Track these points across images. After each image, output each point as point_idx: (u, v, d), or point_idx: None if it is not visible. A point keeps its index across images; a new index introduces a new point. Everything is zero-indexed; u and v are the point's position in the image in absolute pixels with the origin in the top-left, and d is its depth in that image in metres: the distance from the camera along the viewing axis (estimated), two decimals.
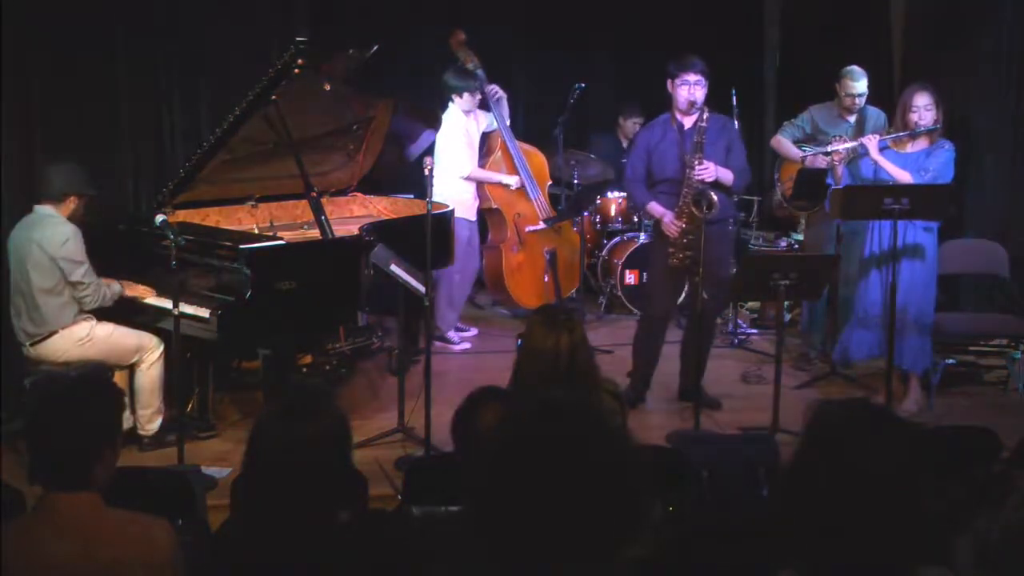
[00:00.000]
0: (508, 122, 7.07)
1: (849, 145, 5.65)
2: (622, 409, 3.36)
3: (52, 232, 4.67)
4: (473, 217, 6.84)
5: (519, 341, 3.45)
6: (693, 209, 5.20)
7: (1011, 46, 6.45)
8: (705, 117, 5.20)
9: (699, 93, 5.24)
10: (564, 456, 1.50)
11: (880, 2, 7.33)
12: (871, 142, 5.41)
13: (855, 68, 5.94)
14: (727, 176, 5.30)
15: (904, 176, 5.30)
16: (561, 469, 1.50)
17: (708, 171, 5.20)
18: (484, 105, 6.93)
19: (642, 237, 7.33)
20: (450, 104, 6.60)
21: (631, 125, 7.88)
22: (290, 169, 5.25)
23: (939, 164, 5.30)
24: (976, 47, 6.50)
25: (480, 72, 6.89)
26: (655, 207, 5.38)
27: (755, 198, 7.61)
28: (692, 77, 5.24)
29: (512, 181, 6.99)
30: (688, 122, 5.33)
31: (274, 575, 2.20)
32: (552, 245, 7.14)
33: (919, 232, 5.37)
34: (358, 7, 7.66)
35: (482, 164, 6.97)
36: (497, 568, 1.53)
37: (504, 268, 7.09)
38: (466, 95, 6.60)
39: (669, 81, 5.33)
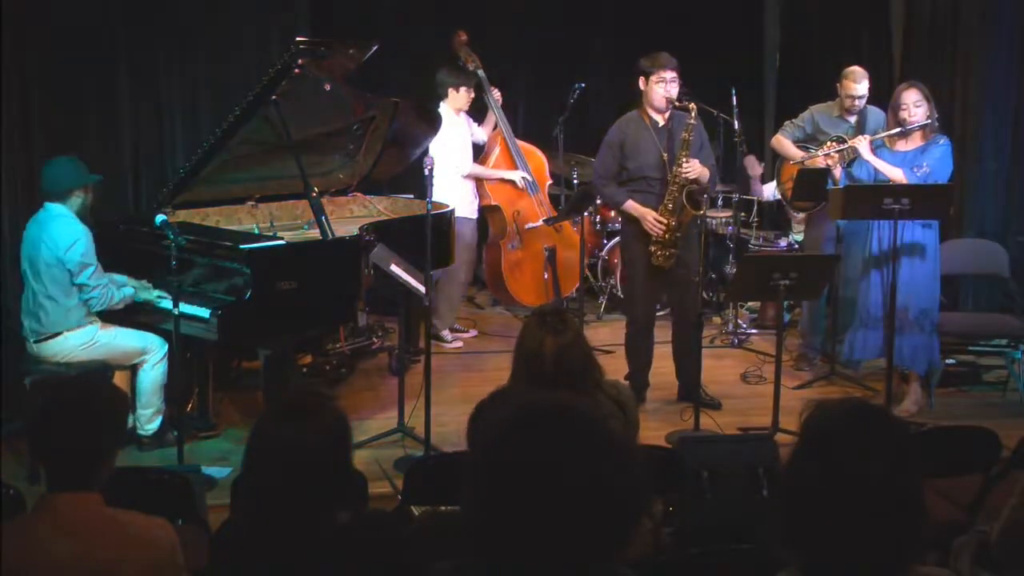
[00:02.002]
0: (505, 119, 7.07)
1: (842, 147, 5.66)
2: (624, 413, 3.32)
3: (61, 233, 4.65)
4: (474, 215, 6.85)
5: None
6: (689, 207, 5.20)
7: (1011, 46, 6.45)
8: (693, 115, 5.21)
9: (674, 90, 5.25)
10: (541, 458, 1.50)
11: (880, 2, 7.33)
12: (861, 143, 5.43)
13: (857, 69, 5.94)
14: (705, 174, 5.31)
15: (896, 173, 5.30)
16: (539, 472, 1.50)
17: (695, 169, 5.22)
18: (481, 109, 6.94)
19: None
20: (442, 104, 6.59)
21: None
22: (290, 169, 5.25)
23: (934, 159, 5.30)
24: (976, 47, 6.50)
25: (481, 73, 6.90)
26: (634, 206, 5.35)
27: (755, 198, 7.61)
28: (669, 75, 5.25)
29: (516, 176, 7.00)
30: (662, 120, 5.33)
31: (274, 575, 2.20)
32: (551, 243, 7.15)
33: (917, 229, 5.37)
34: (358, 7, 7.66)
35: (482, 164, 6.98)
36: (494, 569, 1.53)
37: (503, 265, 7.09)
38: (462, 90, 6.59)
39: (643, 79, 5.32)
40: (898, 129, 5.34)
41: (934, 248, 5.41)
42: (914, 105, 5.28)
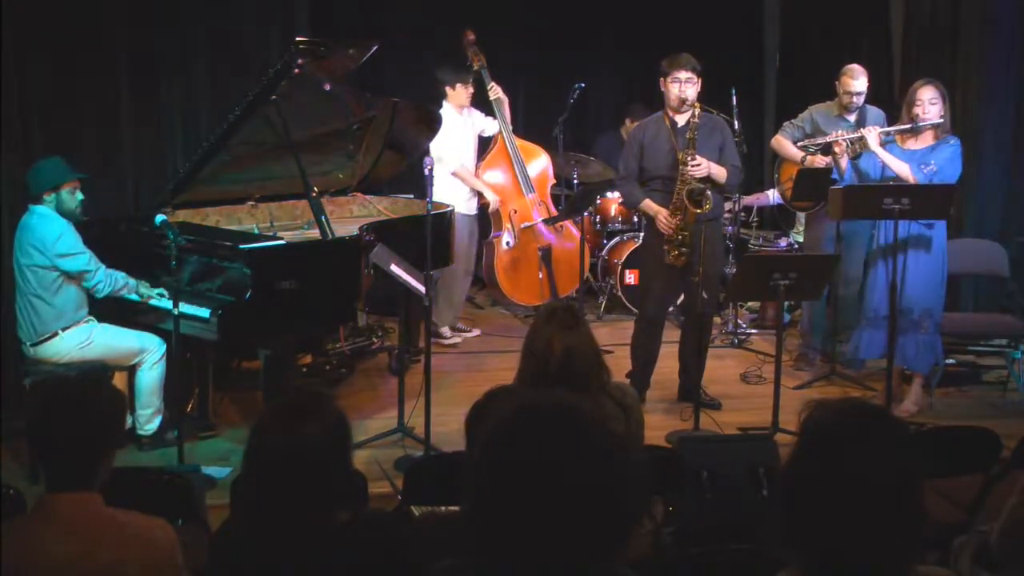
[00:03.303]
0: (509, 123, 7.07)
1: (851, 136, 5.66)
2: (627, 416, 3.30)
3: (43, 230, 4.64)
4: (472, 212, 6.85)
5: None
6: (689, 205, 5.20)
7: (1011, 46, 6.45)
8: (697, 113, 5.21)
9: (690, 90, 5.25)
10: (541, 458, 1.50)
11: (880, 2, 7.33)
12: (871, 133, 5.41)
13: (855, 66, 5.95)
14: (720, 173, 5.31)
15: (903, 169, 5.29)
16: (539, 472, 1.49)
17: (701, 167, 5.22)
18: (486, 109, 6.95)
19: (642, 236, 7.33)
20: (444, 102, 6.60)
21: None
22: (290, 169, 5.25)
23: (942, 159, 5.28)
24: (976, 47, 6.50)
25: (485, 72, 6.91)
26: (649, 204, 5.38)
27: (755, 195, 7.62)
28: (683, 75, 5.25)
29: (491, 198, 6.95)
30: (680, 120, 5.35)
31: (274, 575, 2.20)
32: (547, 243, 7.15)
33: (921, 228, 5.36)
34: (358, 7, 7.66)
35: (481, 161, 6.99)
36: (494, 568, 1.53)
37: (497, 264, 7.10)
38: (459, 87, 6.60)
39: (661, 79, 5.35)
40: (909, 125, 5.33)
41: (940, 247, 5.40)
42: (929, 102, 5.26)
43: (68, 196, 4.70)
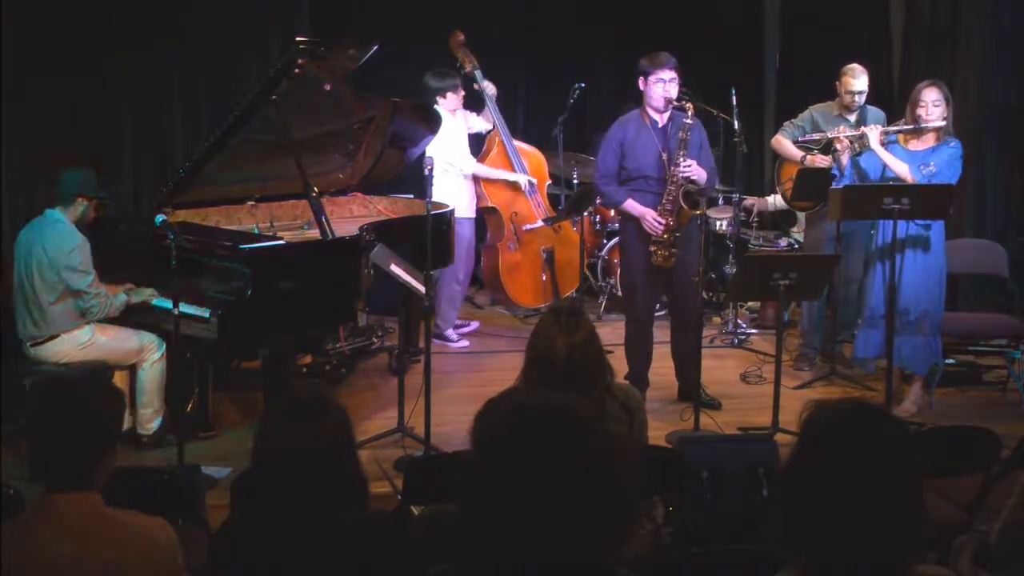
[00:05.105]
0: (503, 121, 7.06)
1: (853, 133, 5.65)
2: (631, 417, 3.30)
3: (59, 239, 4.67)
4: (472, 215, 6.84)
5: None
6: (686, 206, 5.20)
7: (1011, 46, 6.45)
8: (691, 114, 5.21)
9: (673, 90, 5.25)
10: (536, 459, 1.50)
11: (880, 2, 7.33)
12: (872, 131, 5.41)
13: (855, 66, 5.94)
14: (703, 176, 5.31)
15: (902, 168, 5.29)
16: (534, 472, 1.49)
17: (692, 168, 5.22)
18: (477, 107, 6.94)
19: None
20: (436, 107, 6.59)
21: None
22: (290, 169, 5.24)
23: (942, 160, 5.28)
24: (976, 47, 6.50)
25: (478, 73, 6.90)
26: (634, 205, 5.35)
27: (755, 198, 7.61)
28: (667, 75, 5.25)
29: (521, 179, 6.99)
30: (661, 119, 5.34)
31: (274, 575, 2.20)
32: (549, 244, 7.15)
33: (919, 229, 5.35)
34: (358, 7, 7.66)
35: (479, 162, 6.99)
36: (491, 570, 1.53)
37: (501, 267, 7.09)
38: (449, 95, 6.58)
39: (642, 79, 5.33)
40: (910, 125, 5.32)
41: (939, 248, 5.39)
42: (932, 104, 5.25)
43: (88, 209, 4.81)
